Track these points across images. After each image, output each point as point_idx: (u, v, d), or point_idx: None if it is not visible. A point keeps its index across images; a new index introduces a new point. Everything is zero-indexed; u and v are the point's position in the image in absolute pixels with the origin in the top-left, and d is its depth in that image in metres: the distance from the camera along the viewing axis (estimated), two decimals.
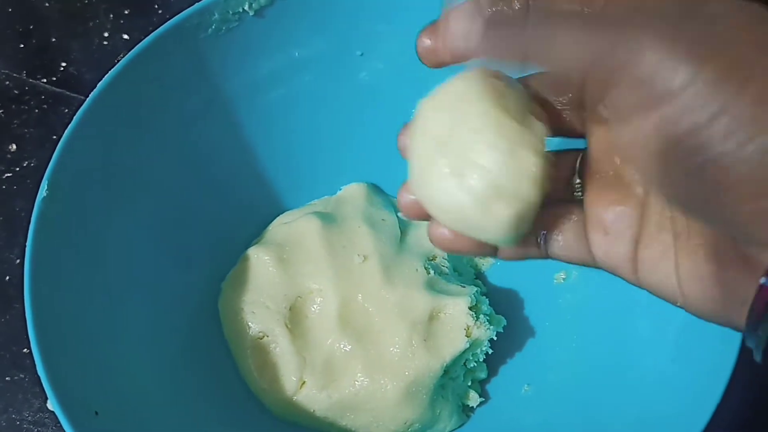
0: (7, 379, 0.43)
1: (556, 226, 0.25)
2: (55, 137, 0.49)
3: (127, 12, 0.55)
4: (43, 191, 0.34)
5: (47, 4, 0.56)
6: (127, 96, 0.38)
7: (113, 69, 0.37)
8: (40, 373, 0.31)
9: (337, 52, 0.43)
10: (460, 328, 0.38)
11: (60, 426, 0.30)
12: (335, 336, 0.39)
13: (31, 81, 0.52)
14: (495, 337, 0.39)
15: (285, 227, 0.43)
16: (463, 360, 0.39)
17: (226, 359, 0.41)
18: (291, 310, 0.41)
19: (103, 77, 0.37)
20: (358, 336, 0.39)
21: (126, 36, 0.54)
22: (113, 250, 0.38)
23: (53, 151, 0.35)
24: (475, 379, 0.41)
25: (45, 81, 0.53)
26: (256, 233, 0.45)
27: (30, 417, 0.42)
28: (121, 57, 0.38)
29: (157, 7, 0.55)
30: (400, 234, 0.43)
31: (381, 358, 0.38)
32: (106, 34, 0.54)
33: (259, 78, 0.42)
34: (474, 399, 0.41)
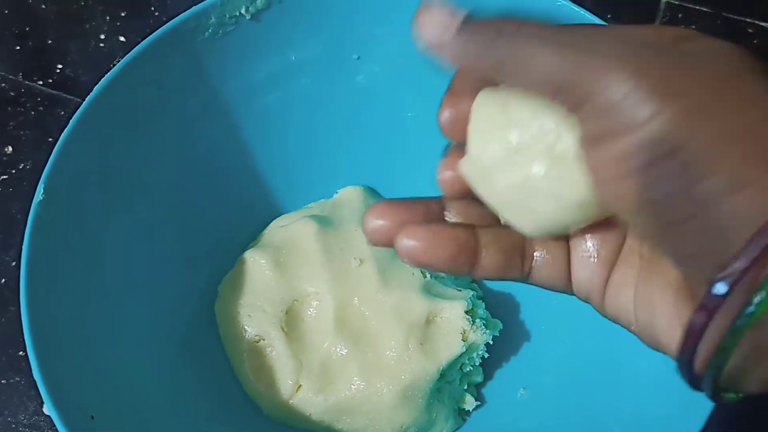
0: (2, 382, 0.43)
1: (543, 246, 0.24)
2: (51, 139, 0.49)
3: (123, 14, 0.55)
4: (39, 194, 0.34)
5: (44, 6, 0.56)
6: (124, 99, 0.37)
7: (110, 72, 0.37)
8: (36, 377, 0.31)
9: (333, 55, 0.43)
10: (456, 332, 0.38)
11: (55, 429, 0.30)
12: (332, 339, 0.39)
13: (27, 83, 0.52)
14: (491, 341, 0.39)
15: (282, 230, 0.43)
16: (460, 364, 0.39)
17: (223, 362, 0.41)
18: (287, 313, 0.41)
19: (100, 79, 0.37)
20: (355, 339, 0.39)
21: (122, 38, 0.54)
22: (110, 253, 0.38)
23: (49, 153, 0.35)
24: (471, 382, 0.41)
25: (41, 83, 0.52)
26: (252, 236, 0.45)
27: (25, 420, 0.42)
28: (118, 59, 0.38)
29: (153, 9, 0.55)
30: None
31: (377, 362, 0.38)
32: (103, 36, 0.54)
33: (257, 81, 0.42)
34: (470, 402, 0.41)
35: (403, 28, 0.42)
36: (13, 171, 0.49)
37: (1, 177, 0.49)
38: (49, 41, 0.54)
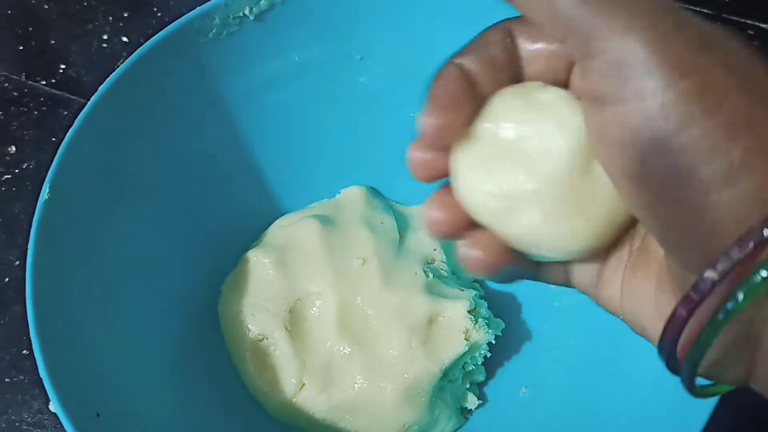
0: (6, 380, 0.43)
1: None
2: (54, 139, 0.50)
3: (126, 14, 0.55)
4: (44, 194, 0.34)
5: (46, 7, 0.56)
6: (129, 99, 0.38)
7: (115, 72, 0.37)
8: (42, 375, 0.31)
9: (336, 56, 0.43)
10: (459, 331, 0.39)
11: (59, 427, 0.31)
12: (334, 339, 0.39)
13: (30, 83, 0.53)
14: (493, 341, 0.40)
15: (284, 230, 0.44)
16: (462, 363, 0.40)
17: (226, 362, 0.41)
18: (290, 312, 0.41)
19: (103, 80, 0.37)
20: (358, 339, 0.39)
21: (125, 38, 0.54)
22: (113, 252, 0.38)
23: (52, 153, 0.35)
24: (473, 381, 0.41)
25: (44, 83, 0.53)
26: (255, 236, 0.45)
27: (29, 418, 0.42)
28: (121, 59, 0.38)
29: (156, 9, 0.55)
30: (399, 237, 0.43)
31: (380, 361, 0.39)
32: (105, 37, 0.54)
33: (260, 82, 0.42)
34: (472, 402, 0.41)
35: (405, 29, 0.42)
36: (16, 171, 0.50)
37: (4, 177, 0.49)
38: (52, 42, 0.54)
